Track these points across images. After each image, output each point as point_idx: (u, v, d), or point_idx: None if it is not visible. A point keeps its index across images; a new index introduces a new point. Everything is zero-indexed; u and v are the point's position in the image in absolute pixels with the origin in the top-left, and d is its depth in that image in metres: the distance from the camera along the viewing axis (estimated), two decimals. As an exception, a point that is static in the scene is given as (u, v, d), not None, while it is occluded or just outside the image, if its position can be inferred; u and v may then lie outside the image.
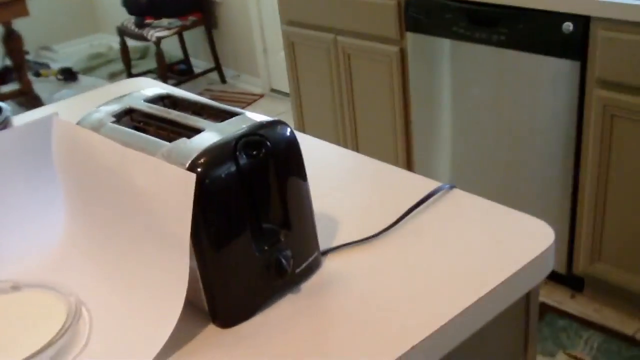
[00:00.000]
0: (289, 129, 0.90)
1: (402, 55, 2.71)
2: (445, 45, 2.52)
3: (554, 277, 2.57)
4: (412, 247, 0.99)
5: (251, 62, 4.99)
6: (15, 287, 0.98)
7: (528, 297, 1.01)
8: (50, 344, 0.85)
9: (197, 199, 0.81)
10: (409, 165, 2.91)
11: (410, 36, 2.62)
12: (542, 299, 2.46)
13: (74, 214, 1.06)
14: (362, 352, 0.81)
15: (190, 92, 1.46)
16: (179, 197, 0.82)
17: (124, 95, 1.03)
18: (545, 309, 2.46)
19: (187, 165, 0.83)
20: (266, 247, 0.88)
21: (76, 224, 1.06)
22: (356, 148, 3.06)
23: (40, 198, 1.16)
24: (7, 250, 1.09)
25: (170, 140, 0.88)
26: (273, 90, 4.92)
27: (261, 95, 4.90)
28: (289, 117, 3.60)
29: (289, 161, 0.90)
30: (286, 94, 4.15)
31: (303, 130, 3.27)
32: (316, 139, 1.37)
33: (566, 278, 2.52)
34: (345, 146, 3.01)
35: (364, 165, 1.24)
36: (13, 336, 0.90)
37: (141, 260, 0.91)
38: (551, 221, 1.05)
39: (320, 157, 1.29)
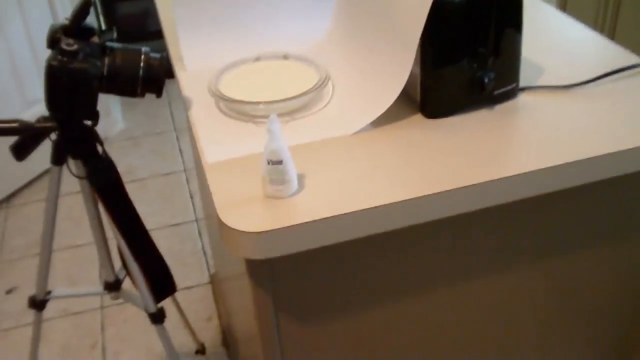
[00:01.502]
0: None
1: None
2: None
3: None
4: (597, 102, 1.18)
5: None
6: (286, 57, 1.32)
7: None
8: (304, 94, 1.18)
9: (433, 13, 1.06)
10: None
11: None
12: None
13: (339, 15, 1.36)
14: (534, 157, 1.04)
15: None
16: (420, 9, 1.08)
17: None
18: None
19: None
20: (475, 65, 1.12)
21: (339, 22, 1.36)
22: (612, 36, 3.02)
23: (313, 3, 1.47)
24: (284, 32, 1.43)
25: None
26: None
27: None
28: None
29: (511, 5, 1.12)
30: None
31: (564, 9, 3.30)
32: (559, 11, 1.54)
33: None
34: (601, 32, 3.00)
35: (586, 34, 1.41)
36: (281, 87, 1.24)
37: (379, 52, 1.19)
38: None
39: (554, 24, 1.48)
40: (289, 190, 0.99)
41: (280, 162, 0.97)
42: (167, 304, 1.65)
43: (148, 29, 3.46)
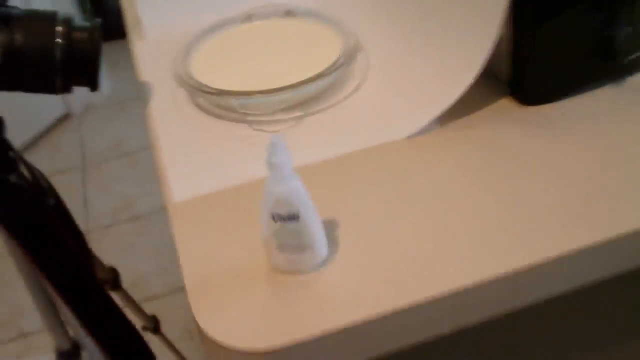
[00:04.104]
0: None
1: None
2: None
3: None
4: None
5: None
6: (289, 13, 0.88)
7: None
8: (324, 74, 0.74)
9: None
10: None
11: None
12: None
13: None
14: None
15: None
16: None
17: None
18: None
19: None
20: (603, 17, 0.68)
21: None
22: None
23: None
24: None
25: None
26: None
27: None
28: None
29: None
30: None
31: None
32: None
33: None
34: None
35: None
36: (286, 61, 0.81)
37: (443, 10, 0.75)
38: None
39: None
40: (312, 260, 0.57)
41: (295, 218, 0.54)
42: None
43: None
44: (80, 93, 0.75)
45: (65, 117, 2.82)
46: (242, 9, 0.89)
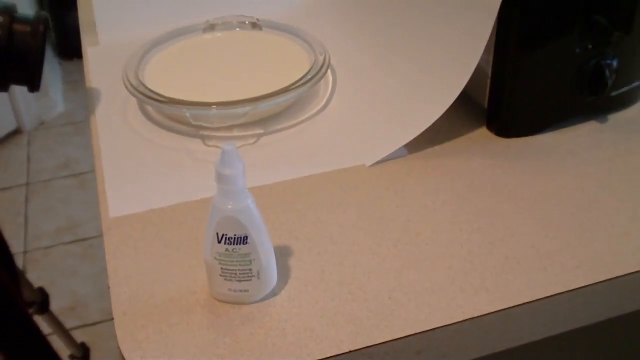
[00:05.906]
0: None
1: None
2: None
3: None
4: None
5: None
6: (256, 25, 0.82)
7: None
8: (289, 89, 0.68)
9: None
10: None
11: None
12: None
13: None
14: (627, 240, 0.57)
15: None
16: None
17: None
18: None
19: None
20: (590, 46, 0.64)
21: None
22: None
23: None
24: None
25: None
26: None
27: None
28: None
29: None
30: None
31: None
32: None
33: None
34: None
35: None
36: (248, 75, 0.75)
37: (416, 19, 0.70)
38: None
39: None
40: (260, 291, 0.50)
41: (243, 240, 0.47)
42: None
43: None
44: (33, 109, 0.68)
45: (15, 132, 2.71)
46: (205, 18, 0.82)
